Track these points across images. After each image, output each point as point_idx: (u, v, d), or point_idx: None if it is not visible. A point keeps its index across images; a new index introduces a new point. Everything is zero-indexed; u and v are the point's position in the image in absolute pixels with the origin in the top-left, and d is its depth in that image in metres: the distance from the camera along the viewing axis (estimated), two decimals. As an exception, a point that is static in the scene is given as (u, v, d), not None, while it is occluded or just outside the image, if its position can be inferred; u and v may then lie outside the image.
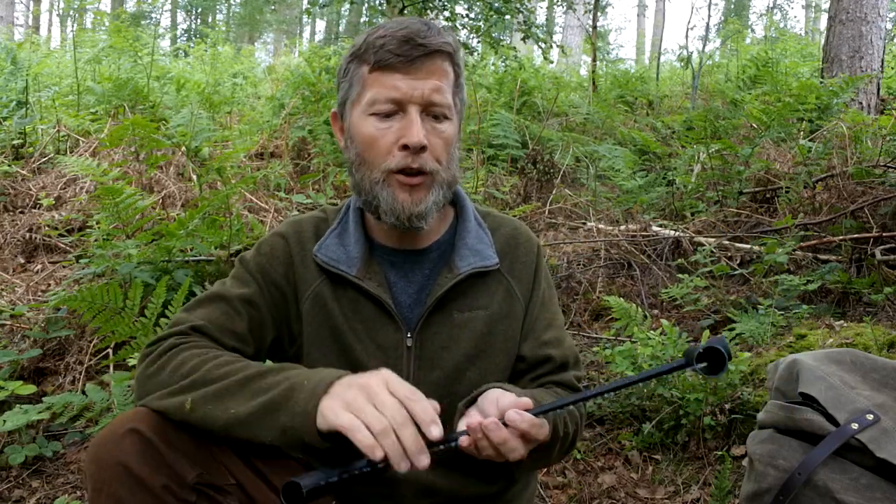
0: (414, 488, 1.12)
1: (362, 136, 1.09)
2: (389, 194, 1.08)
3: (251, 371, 0.97)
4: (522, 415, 0.91)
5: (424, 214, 1.09)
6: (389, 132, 1.07)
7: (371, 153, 1.09)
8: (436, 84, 1.07)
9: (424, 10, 6.01)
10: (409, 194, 1.08)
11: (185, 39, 21.80)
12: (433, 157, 1.08)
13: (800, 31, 18.11)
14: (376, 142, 1.08)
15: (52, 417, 2.20)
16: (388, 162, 1.07)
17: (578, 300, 3.14)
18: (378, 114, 1.07)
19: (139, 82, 4.81)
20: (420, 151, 1.06)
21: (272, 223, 3.55)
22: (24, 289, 3.01)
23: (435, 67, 1.07)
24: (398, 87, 1.05)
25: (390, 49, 1.05)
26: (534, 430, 0.92)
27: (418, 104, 1.06)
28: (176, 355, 1.03)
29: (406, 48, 1.05)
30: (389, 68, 1.06)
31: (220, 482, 0.98)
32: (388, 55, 1.05)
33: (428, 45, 1.05)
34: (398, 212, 1.08)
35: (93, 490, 0.93)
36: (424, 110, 1.07)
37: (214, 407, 0.94)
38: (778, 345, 2.35)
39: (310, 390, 0.91)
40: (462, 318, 1.16)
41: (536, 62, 8.83)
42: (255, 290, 1.15)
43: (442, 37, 1.08)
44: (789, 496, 1.23)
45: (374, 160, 1.09)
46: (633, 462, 2.09)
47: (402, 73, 1.05)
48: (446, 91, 1.09)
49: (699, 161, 4.26)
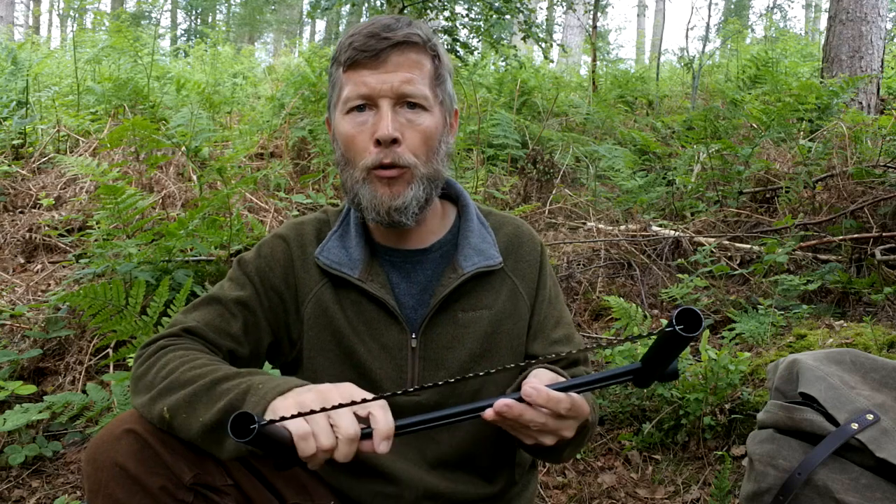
0: (416, 490, 1.12)
1: (342, 136, 1.10)
2: (369, 191, 1.08)
3: (219, 374, 0.96)
4: (539, 389, 0.89)
5: (404, 208, 1.08)
6: (365, 128, 1.07)
7: (351, 152, 1.09)
8: (405, 76, 1.06)
9: (424, 10, 6.01)
10: (389, 188, 1.07)
11: (185, 39, 21.81)
12: (409, 150, 1.07)
13: (800, 31, 18.11)
14: (354, 140, 1.08)
15: (52, 417, 2.20)
16: (366, 159, 1.07)
17: (578, 300, 3.14)
18: (352, 110, 1.08)
19: (139, 82, 4.81)
20: (392, 144, 1.06)
21: (272, 223, 3.55)
22: (24, 289, 3.01)
23: (403, 59, 1.07)
24: (367, 82, 1.06)
25: (356, 46, 1.06)
26: (551, 405, 0.90)
27: (388, 97, 1.06)
28: (161, 357, 1.03)
29: (371, 42, 1.05)
30: (357, 65, 1.06)
31: (216, 483, 0.98)
32: (354, 52, 1.06)
33: (392, 37, 1.05)
34: (377, 206, 1.08)
35: (90, 491, 0.93)
36: (397, 103, 1.07)
37: (188, 415, 0.93)
38: (778, 345, 2.35)
39: (263, 394, 0.90)
40: (466, 317, 1.15)
41: (536, 62, 8.84)
42: (250, 293, 1.15)
43: (410, 28, 1.07)
44: (789, 496, 1.23)
45: (354, 158, 1.09)
46: (633, 462, 2.09)
47: (370, 69, 1.06)
48: (419, 82, 1.08)
49: (699, 161, 4.26)
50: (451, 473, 1.15)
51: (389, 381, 1.13)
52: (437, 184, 1.13)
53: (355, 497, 1.14)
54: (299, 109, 5.10)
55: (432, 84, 1.10)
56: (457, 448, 1.15)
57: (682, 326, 0.76)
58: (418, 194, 1.09)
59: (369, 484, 1.13)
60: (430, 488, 1.13)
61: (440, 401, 1.12)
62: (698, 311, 0.76)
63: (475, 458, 1.16)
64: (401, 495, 1.12)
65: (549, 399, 0.90)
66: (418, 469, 1.13)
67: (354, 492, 1.14)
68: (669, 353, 0.84)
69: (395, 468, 1.12)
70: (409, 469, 1.13)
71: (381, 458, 1.12)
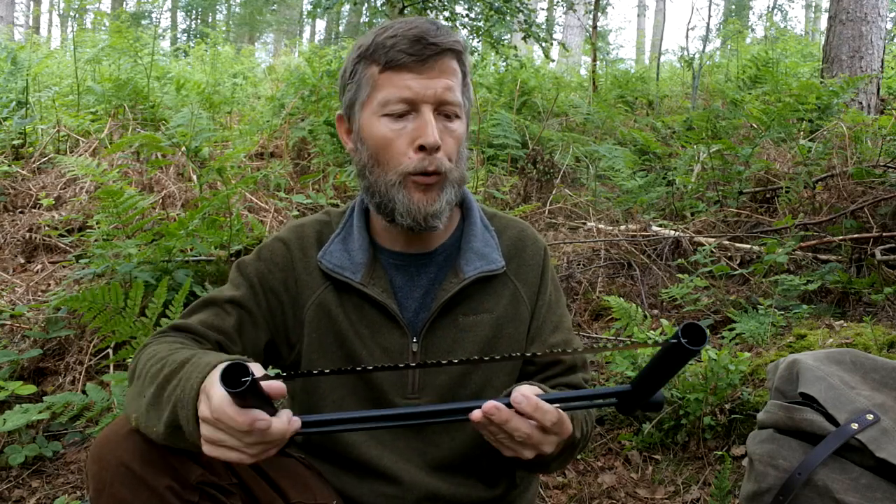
0: (417, 492, 1.12)
1: (375, 138, 1.08)
2: (405, 196, 1.07)
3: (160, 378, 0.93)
4: (528, 397, 0.89)
5: (439, 214, 1.08)
6: (404, 133, 1.06)
7: (386, 155, 1.07)
8: (447, 83, 1.06)
9: (424, 10, 6.00)
10: (424, 194, 1.07)
11: (185, 39, 21.81)
12: (446, 156, 1.07)
13: (800, 31, 18.11)
14: (391, 143, 1.06)
15: (52, 417, 2.20)
16: (405, 165, 1.06)
17: (578, 300, 3.14)
18: (391, 114, 1.06)
19: (139, 82, 4.81)
20: (435, 151, 1.05)
21: (272, 223, 3.55)
22: (24, 289, 3.01)
23: (445, 66, 1.06)
24: (411, 86, 1.04)
25: (402, 49, 1.04)
26: (538, 415, 0.89)
27: (431, 104, 1.05)
28: (143, 352, 1.03)
29: (418, 47, 1.04)
30: (401, 68, 1.05)
31: (222, 482, 0.98)
32: (399, 55, 1.04)
33: (439, 44, 1.05)
34: (414, 213, 1.07)
35: (94, 490, 0.93)
36: (436, 109, 1.06)
37: (147, 425, 0.92)
38: (778, 345, 2.35)
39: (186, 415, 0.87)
40: (467, 321, 1.15)
41: (537, 62, 8.83)
42: (245, 293, 1.15)
43: (452, 36, 1.07)
44: (789, 496, 1.23)
45: (388, 162, 1.07)
46: (633, 462, 2.09)
47: (415, 73, 1.05)
48: (456, 90, 1.08)
49: (699, 161, 4.26)
50: (452, 476, 1.15)
51: (390, 385, 1.14)
52: (462, 187, 1.14)
53: (357, 497, 1.14)
54: (299, 109, 5.10)
55: (462, 91, 1.11)
56: (458, 451, 1.15)
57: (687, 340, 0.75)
58: (450, 199, 1.10)
59: (371, 485, 1.13)
60: (432, 490, 1.13)
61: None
62: (703, 328, 0.76)
63: (476, 460, 1.16)
64: (402, 497, 1.12)
65: (536, 408, 0.89)
66: (420, 471, 1.13)
67: (356, 492, 1.14)
68: (670, 368, 0.84)
69: (397, 470, 1.13)
70: (410, 471, 1.13)
71: (383, 459, 1.13)
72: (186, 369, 0.90)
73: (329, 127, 4.65)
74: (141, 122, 4.67)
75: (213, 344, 1.09)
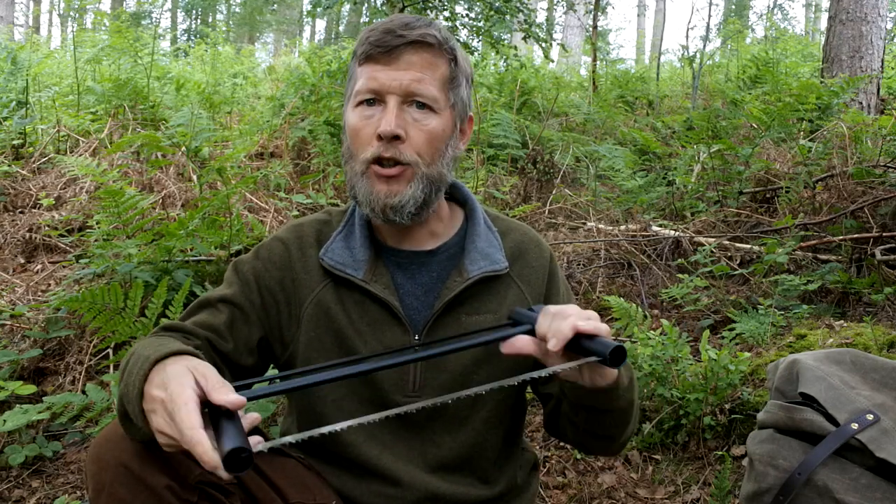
0: (417, 492, 1.12)
1: (349, 128, 1.11)
2: (365, 185, 1.08)
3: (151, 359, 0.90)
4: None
5: (399, 207, 1.08)
6: (370, 122, 1.08)
7: (355, 144, 1.10)
8: (416, 75, 1.06)
9: (424, 10, 6.00)
10: (387, 185, 1.07)
11: (185, 39, 21.80)
12: (412, 149, 1.07)
13: (800, 31, 18.11)
14: (358, 133, 1.09)
15: (52, 417, 2.20)
16: (367, 152, 1.07)
17: (578, 300, 3.14)
18: (361, 103, 1.08)
19: (139, 82, 4.81)
20: (394, 140, 1.06)
21: (272, 223, 3.55)
22: (24, 289, 3.01)
23: (417, 58, 1.07)
24: (377, 77, 1.06)
25: (372, 41, 1.07)
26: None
27: (397, 94, 1.06)
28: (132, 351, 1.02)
29: (387, 38, 1.06)
30: (371, 59, 1.07)
31: (221, 481, 0.98)
32: (369, 47, 1.07)
33: (407, 35, 1.06)
34: (373, 203, 1.08)
35: (94, 490, 0.93)
36: (405, 101, 1.07)
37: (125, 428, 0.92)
38: (778, 345, 2.35)
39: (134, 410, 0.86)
40: (470, 321, 1.15)
41: (537, 62, 8.83)
42: (237, 291, 1.15)
43: (427, 29, 1.07)
44: (789, 496, 1.23)
45: (356, 151, 1.09)
46: (633, 462, 2.09)
47: (383, 64, 1.06)
48: (430, 83, 1.07)
49: (699, 161, 4.26)
50: (451, 476, 1.15)
51: (390, 384, 1.13)
52: (438, 186, 1.12)
53: (356, 498, 1.14)
54: (299, 109, 5.09)
55: (444, 86, 1.10)
56: (458, 451, 1.15)
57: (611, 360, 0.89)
58: (416, 194, 1.08)
59: (371, 485, 1.13)
60: (432, 490, 1.13)
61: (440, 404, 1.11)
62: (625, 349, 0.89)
63: (476, 460, 1.17)
64: (402, 497, 1.12)
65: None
66: (419, 471, 1.13)
67: (356, 492, 1.14)
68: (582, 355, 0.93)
69: (397, 470, 1.12)
70: (410, 471, 1.13)
71: (382, 459, 1.13)
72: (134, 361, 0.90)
73: (329, 127, 4.66)
74: (141, 122, 4.67)
75: (203, 341, 1.09)
